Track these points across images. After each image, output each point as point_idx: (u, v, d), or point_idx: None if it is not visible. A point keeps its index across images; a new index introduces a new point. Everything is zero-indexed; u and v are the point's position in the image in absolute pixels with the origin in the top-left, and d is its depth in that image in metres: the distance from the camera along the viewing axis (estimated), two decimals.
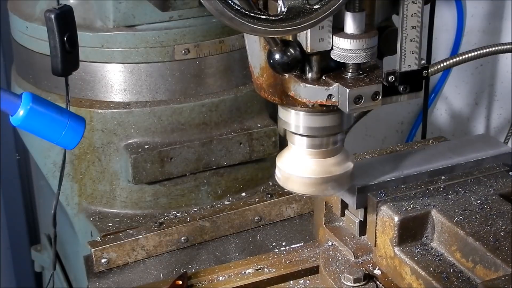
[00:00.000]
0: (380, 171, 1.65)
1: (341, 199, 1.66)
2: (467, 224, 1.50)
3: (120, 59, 2.00)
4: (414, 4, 1.37)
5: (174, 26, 2.01)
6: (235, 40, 2.07)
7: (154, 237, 1.97)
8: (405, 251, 1.54)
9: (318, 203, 1.76)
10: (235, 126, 2.11)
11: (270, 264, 1.74)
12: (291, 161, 1.53)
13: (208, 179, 2.11)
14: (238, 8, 1.19)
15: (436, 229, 1.54)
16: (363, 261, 1.64)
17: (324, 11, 1.25)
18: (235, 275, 1.71)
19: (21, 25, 2.11)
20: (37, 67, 2.11)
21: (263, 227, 2.10)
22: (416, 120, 3.35)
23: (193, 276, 1.71)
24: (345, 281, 1.57)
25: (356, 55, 1.36)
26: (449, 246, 1.51)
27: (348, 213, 1.68)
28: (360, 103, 1.38)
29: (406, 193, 1.60)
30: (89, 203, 2.10)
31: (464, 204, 1.57)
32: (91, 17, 2.02)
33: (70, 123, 1.44)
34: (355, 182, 1.60)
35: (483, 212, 1.54)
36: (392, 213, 1.54)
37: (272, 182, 2.20)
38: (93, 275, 1.93)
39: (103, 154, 2.04)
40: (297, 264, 1.73)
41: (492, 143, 1.78)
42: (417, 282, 1.49)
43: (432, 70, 1.46)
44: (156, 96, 2.04)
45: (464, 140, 1.85)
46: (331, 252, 1.69)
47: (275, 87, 1.45)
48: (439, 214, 1.53)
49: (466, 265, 1.47)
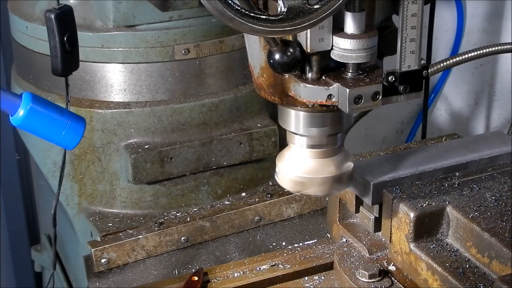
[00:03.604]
0: (395, 168, 1.67)
1: (356, 196, 1.67)
2: (482, 220, 1.51)
3: (120, 59, 2.00)
4: (414, 4, 1.37)
5: (174, 26, 2.01)
6: (235, 40, 2.07)
7: (154, 237, 1.97)
8: (421, 247, 1.55)
9: (332, 200, 1.78)
10: (235, 126, 2.11)
11: (285, 261, 1.74)
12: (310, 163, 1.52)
13: (208, 179, 2.11)
14: (238, 8, 1.19)
15: (451, 225, 1.56)
16: (377, 257, 1.66)
17: (324, 11, 1.25)
18: (250, 271, 1.72)
19: (21, 25, 2.11)
20: (37, 67, 2.11)
21: (263, 227, 2.10)
22: (416, 120, 3.35)
23: (209, 272, 1.72)
24: (360, 277, 1.58)
25: (356, 55, 1.36)
26: (465, 242, 1.53)
27: (363, 209, 1.70)
28: (360, 103, 1.38)
29: (422, 189, 1.62)
30: (89, 203, 2.10)
31: (479, 200, 1.58)
32: (91, 17, 2.02)
33: (70, 123, 1.44)
34: (370, 178, 1.61)
35: (498, 208, 1.55)
36: (407, 209, 1.56)
37: (272, 182, 2.20)
38: (93, 275, 1.93)
39: (103, 154, 2.04)
40: (312, 261, 1.74)
41: (506, 140, 1.80)
42: (433, 277, 1.51)
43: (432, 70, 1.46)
44: (156, 96, 2.04)
45: (478, 137, 1.87)
46: (345, 248, 1.71)
47: (275, 87, 1.45)
48: (455, 210, 1.55)
49: (482, 260, 1.48)
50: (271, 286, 1.71)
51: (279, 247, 2.02)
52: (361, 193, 1.66)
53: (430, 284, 1.52)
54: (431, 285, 1.52)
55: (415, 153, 1.76)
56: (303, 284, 1.70)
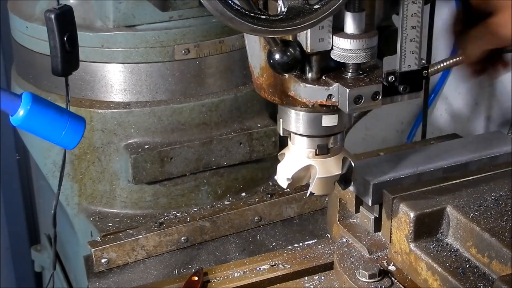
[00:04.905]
0: (395, 168, 1.67)
1: (356, 196, 1.67)
2: (482, 220, 1.52)
3: (120, 59, 2.00)
4: (414, 4, 1.37)
5: (174, 26, 2.01)
6: (235, 40, 2.07)
7: (154, 237, 1.97)
8: (421, 247, 1.56)
9: (332, 200, 1.78)
10: (235, 126, 2.11)
11: (285, 261, 1.75)
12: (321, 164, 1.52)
13: (208, 179, 2.11)
14: (238, 8, 1.19)
15: (451, 225, 1.56)
16: (377, 257, 1.66)
17: (324, 11, 1.25)
18: (250, 271, 1.73)
19: (21, 25, 2.11)
20: (37, 67, 2.11)
21: (263, 227, 2.10)
22: (416, 120, 3.35)
23: (209, 272, 1.73)
24: (360, 277, 1.59)
25: (356, 55, 1.36)
26: (465, 242, 1.53)
27: (363, 209, 1.70)
28: (360, 103, 1.38)
29: (421, 189, 1.62)
30: (89, 203, 2.10)
31: (479, 200, 1.59)
32: (91, 17, 2.02)
33: (70, 123, 1.44)
34: (371, 178, 1.61)
35: (498, 208, 1.56)
36: (407, 209, 1.56)
37: (272, 182, 2.20)
38: (93, 275, 1.93)
39: (103, 154, 2.04)
40: (312, 260, 1.74)
41: (506, 140, 1.81)
42: (433, 277, 1.51)
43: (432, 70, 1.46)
44: (156, 96, 2.04)
45: (478, 137, 1.87)
46: (345, 248, 1.71)
47: (275, 87, 1.45)
48: (455, 210, 1.55)
49: (482, 260, 1.48)
50: (271, 286, 1.71)
51: (279, 247, 2.02)
52: (361, 193, 1.66)
53: (430, 284, 1.53)
54: (431, 285, 1.52)
55: (415, 153, 1.76)
56: (303, 284, 1.71)
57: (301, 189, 1.96)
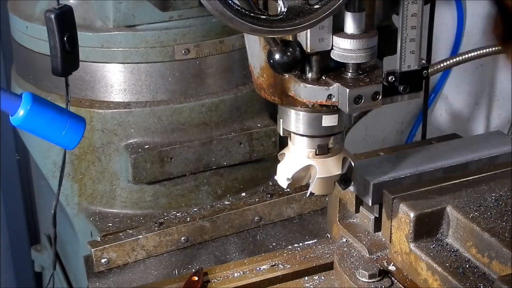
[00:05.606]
0: (395, 168, 1.67)
1: (356, 196, 1.67)
2: (482, 220, 1.52)
3: (120, 59, 2.00)
4: (414, 4, 1.37)
5: (174, 26, 2.01)
6: (235, 40, 2.07)
7: (154, 237, 1.97)
8: (421, 247, 1.56)
9: (332, 200, 1.78)
10: (235, 126, 2.11)
11: (285, 260, 1.75)
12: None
13: (208, 179, 2.11)
14: (238, 8, 1.19)
15: (451, 225, 1.56)
16: (377, 257, 1.66)
17: (324, 11, 1.25)
18: (250, 271, 1.73)
19: (21, 25, 2.11)
20: (37, 67, 2.11)
21: (263, 227, 2.10)
22: (416, 120, 3.34)
23: (209, 272, 1.73)
24: (360, 277, 1.59)
25: (356, 55, 1.36)
26: (465, 242, 1.53)
27: (363, 209, 1.70)
28: (360, 103, 1.38)
29: (421, 189, 1.62)
30: (89, 203, 2.10)
31: (479, 200, 1.59)
32: (91, 17, 2.02)
33: (70, 123, 1.44)
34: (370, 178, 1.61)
35: (498, 208, 1.56)
36: (407, 209, 1.56)
37: (272, 182, 2.20)
38: (93, 275, 1.93)
39: (103, 154, 2.04)
40: (312, 260, 1.74)
41: (506, 140, 1.81)
42: (433, 277, 1.51)
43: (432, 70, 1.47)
44: (156, 96, 2.04)
45: (478, 137, 1.87)
46: (345, 248, 1.71)
47: (275, 87, 1.45)
48: (455, 210, 1.55)
49: (482, 260, 1.48)
50: (271, 286, 1.71)
51: (279, 247, 2.02)
52: (361, 193, 1.66)
53: (430, 284, 1.53)
54: (431, 285, 1.52)
55: (415, 153, 1.76)
56: (303, 284, 1.71)
57: (301, 189, 1.96)
